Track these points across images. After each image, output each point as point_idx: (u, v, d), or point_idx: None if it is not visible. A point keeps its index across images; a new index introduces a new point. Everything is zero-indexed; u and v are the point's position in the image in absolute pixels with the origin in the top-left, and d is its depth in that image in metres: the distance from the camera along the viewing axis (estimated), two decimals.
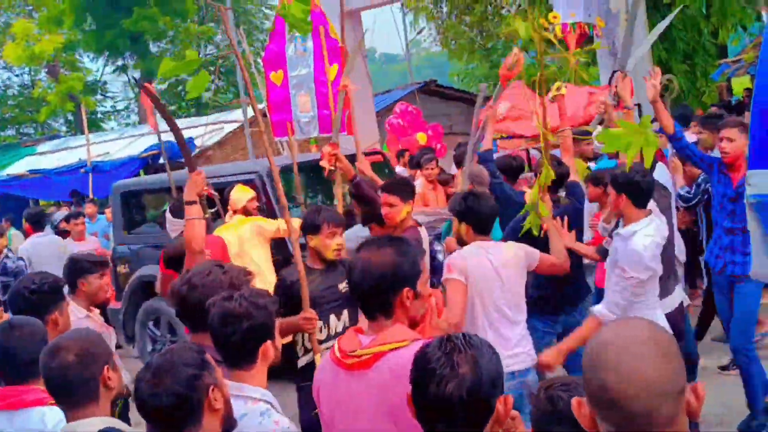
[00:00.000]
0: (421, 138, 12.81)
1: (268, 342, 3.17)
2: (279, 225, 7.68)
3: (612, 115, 6.48)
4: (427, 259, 4.33)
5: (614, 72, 6.33)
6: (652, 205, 5.25)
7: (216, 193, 7.55)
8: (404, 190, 6.14)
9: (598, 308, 5.11)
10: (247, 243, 7.65)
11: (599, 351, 1.91)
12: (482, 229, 5.18)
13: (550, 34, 5.64)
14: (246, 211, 7.92)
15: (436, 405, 2.28)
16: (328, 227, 5.15)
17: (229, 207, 7.99)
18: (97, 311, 5.39)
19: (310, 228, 5.17)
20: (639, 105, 11.62)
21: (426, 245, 6.11)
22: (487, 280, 5.02)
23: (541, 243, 5.51)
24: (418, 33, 31.85)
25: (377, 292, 2.93)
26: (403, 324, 2.95)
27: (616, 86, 6.01)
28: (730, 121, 6.46)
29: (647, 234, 4.99)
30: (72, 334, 3.41)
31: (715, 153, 6.51)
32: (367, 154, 10.74)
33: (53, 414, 3.41)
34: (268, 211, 8.42)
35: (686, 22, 15.76)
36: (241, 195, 7.97)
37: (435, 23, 28.97)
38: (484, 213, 5.16)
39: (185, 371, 2.70)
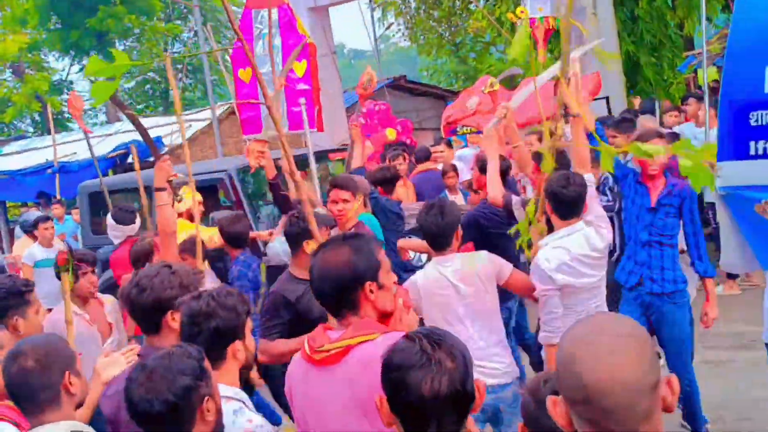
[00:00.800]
0: (391, 134, 12.79)
1: (237, 342, 3.16)
2: (212, 235, 7.64)
3: (511, 122, 6.28)
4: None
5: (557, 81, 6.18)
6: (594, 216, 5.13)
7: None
8: (354, 184, 6.12)
9: (541, 337, 5.06)
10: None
11: (572, 346, 1.89)
12: (438, 244, 5.00)
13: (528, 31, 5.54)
14: (190, 216, 7.91)
15: (427, 404, 2.26)
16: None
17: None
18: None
19: (304, 234, 5.03)
20: (607, 98, 11.71)
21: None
22: (444, 295, 4.90)
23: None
24: (387, 28, 31.87)
25: (339, 291, 2.94)
26: (372, 318, 2.94)
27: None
28: (648, 133, 6.12)
29: (556, 246, 4.94)
30: (33, 339, 3.36)
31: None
32: (337, 150, 10.72)
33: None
34: (238, 210, 8.39)
35: (653, 14, 15.85)
36: (186, 199, 7.98)
37: (403, 18, 28.99)
38: (439, 227, 4.93)
39: (181, 380, 2.66)
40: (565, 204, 4.98)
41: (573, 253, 4.93)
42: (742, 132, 3.44)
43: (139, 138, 18.01)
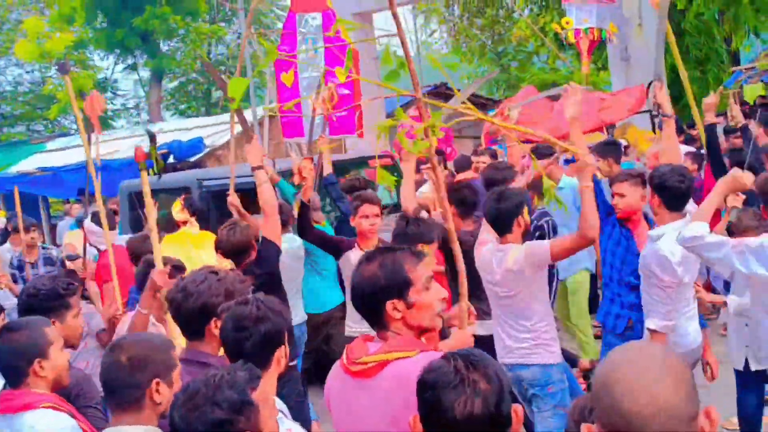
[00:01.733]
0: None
1: (282, 348, 3.15)
2: None
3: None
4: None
5: (651, 81, 6.22)
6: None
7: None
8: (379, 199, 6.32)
9: (652, 324, 4.99)
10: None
11: (612, 371, 1.86)
12: (497, 229, 5.19)
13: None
14: (185, 223, 8.12)
15: (460, 426, 2.24)
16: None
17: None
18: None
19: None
20: (650, 111, 11.57)
21: None
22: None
23: None
24: (430, 35, 31.84)
25: (366, 306, 2.95)
26: (409, 333, 2.91)
27: (654, 96, 5.85)
28: (621, 174, 5.96)
29: (674, 238, 4.84)
30: (137, 336, 3.37)
31: None
32: (378, 157, 10.70)
33: (42, 418, 3.37)
34: None
35: (699, 29, 15.69)
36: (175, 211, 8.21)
37: (446, 26, 28.97)
38: (497, 211, 5.12)
39: (214, 413, 2.53)
40: (678, 197, 5.10)
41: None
42: None
43: (181, 138, 18.11)
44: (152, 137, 10.34)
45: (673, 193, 5.08)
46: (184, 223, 7.97)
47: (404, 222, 5.30)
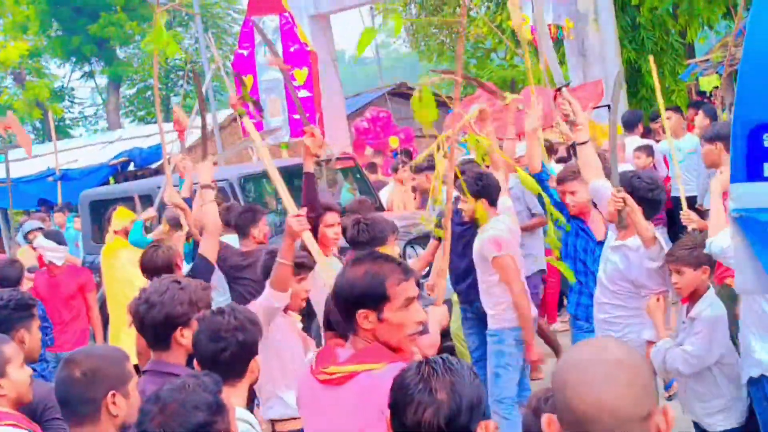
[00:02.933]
0: (393, 141, 12.80)
1: (256, 357, 3.15)
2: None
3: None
4: None
5: (558, 89, 6.08)
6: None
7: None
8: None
9: (648, 335, 4.85)
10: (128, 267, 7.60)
11: (566, 371, 1.90)
12: None
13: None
14: (126, 233, 8.05)
15: (420, 430, 2.23)
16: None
17: (109, 227, 8.20)
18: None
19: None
20: (609, 106, 11.68)
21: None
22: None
23: None
24: (390, 35, 31.90)
25: (340, 307, 2.91)
26: (378, 343, 2.87)
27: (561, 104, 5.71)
28: (569, 174, 5.90)
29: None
30: (90, 350, 3.34)
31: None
32: (338, 159, 10.71)
33: None
34: None
35: (654, 22, 15.85)
36: (122, 217, 8.14)
37: (405, 25, 29.03)
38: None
39: (196, 416, 2.55)
40: (653, 206, 4.93)
41: None
42: (756, 153, 3.39)
43: (141, 145, 17.98)
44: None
45: (647, 203, 4.86)
46: (125, 233, 7.97)
47: (356, 230, 5.38)
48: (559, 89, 5.68)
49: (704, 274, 4.51)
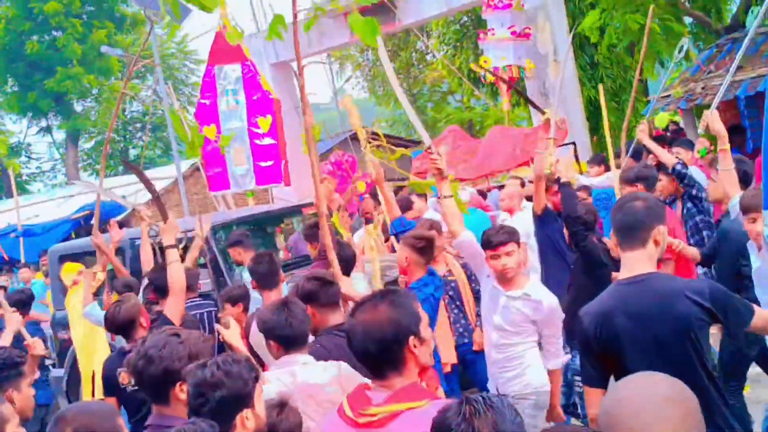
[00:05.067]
0: (361, 186, 12.78)
1: (246, 411, 3.06)
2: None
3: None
4: None
5: (428, 147, 6.24)
6: None
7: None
8: None
9: (552, 365, 5.18)
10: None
11: (615, 408, 1.87)
12: None
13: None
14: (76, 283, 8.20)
15: None
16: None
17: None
18: None
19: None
20: (574, 143, 11.82)
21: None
22: None
23: None
24: (346, 81, 32.11)
25: (384, 349, 2.85)
26: (415, 376, 2.88)
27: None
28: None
29: None
30: (77, 407, 3.26)
31: None
32: (308, 205, 10.68)
33: None
34: (214, 269, 8.26)
35: (612, 60, 16.09)
36: (70, 271, 8.41)
37: (361, 71, 29.28)
38: None
39: None
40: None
41: None
42: None
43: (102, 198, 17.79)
44: None
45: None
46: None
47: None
48: (428, 147, 5.68)
49: None
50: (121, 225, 8.62)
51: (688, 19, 14.60)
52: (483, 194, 13.82)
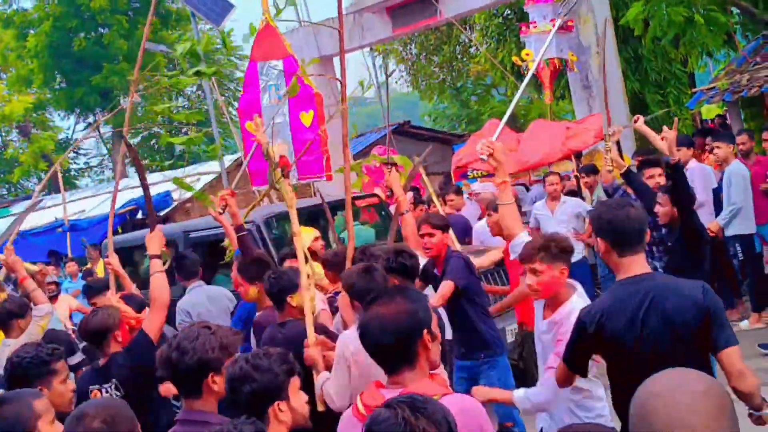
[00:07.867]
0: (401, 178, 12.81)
1: (279, 403, 3.10)
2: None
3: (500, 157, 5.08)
4: None
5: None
6: None
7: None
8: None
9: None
10: None
11: (649, 401, 1.86)
12: None
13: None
14: None
15: None
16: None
17: None
18: None
19: (286, 290, 5.22)
20: (618, 142, 11.68)
21: None
22: None
23: None
24: (389, 75, 32.05)
25: (400, 342, 2.90)
26: (426, 374, 2.92)
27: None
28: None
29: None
30: (97, 402, 3.31)
31: None
32: (365, 197, 10.71)
33: None
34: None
35: (657, 53, 15.91)
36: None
37: (405, 65, 29.23)
38: None
39: None
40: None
41: None
42: None
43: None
44: None
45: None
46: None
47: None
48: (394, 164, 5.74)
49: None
50: (165, 219, 8.69)
51: (734, 10, 14.38)
52: (525, 187, 13.78)
